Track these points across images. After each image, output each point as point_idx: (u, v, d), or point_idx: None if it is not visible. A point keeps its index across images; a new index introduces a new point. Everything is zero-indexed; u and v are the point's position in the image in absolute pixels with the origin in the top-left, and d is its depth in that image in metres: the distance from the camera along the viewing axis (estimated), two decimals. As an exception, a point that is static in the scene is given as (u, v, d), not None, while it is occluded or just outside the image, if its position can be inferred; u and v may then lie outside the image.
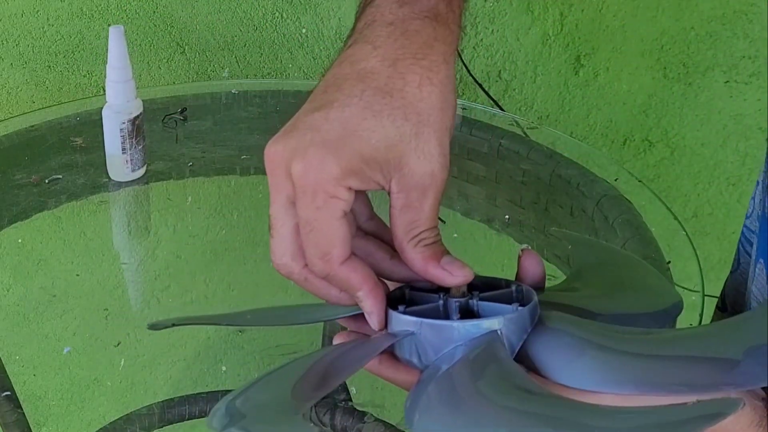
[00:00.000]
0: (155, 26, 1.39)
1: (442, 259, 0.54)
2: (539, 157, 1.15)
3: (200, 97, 1.29)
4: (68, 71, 1.39)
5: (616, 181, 1.10)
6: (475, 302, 0.54)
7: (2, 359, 1.02)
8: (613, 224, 1.03)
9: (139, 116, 1.11)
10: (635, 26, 1.50)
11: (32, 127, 1.20)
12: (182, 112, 1.26)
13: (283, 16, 1.43)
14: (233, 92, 1.30)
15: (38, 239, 1.15)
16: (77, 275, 1.14)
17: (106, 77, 1.09)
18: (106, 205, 1.15)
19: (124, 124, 1.09)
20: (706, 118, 1.57)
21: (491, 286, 0.56)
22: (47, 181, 1.14)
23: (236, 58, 1.44)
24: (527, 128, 1.22)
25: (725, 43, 1.51)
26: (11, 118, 1.24)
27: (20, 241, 1.13)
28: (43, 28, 1.36)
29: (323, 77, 0.56)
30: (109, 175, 1.13)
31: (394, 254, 0.56)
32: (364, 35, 0.56)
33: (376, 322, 0.54)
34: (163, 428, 1.12)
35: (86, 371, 1.28)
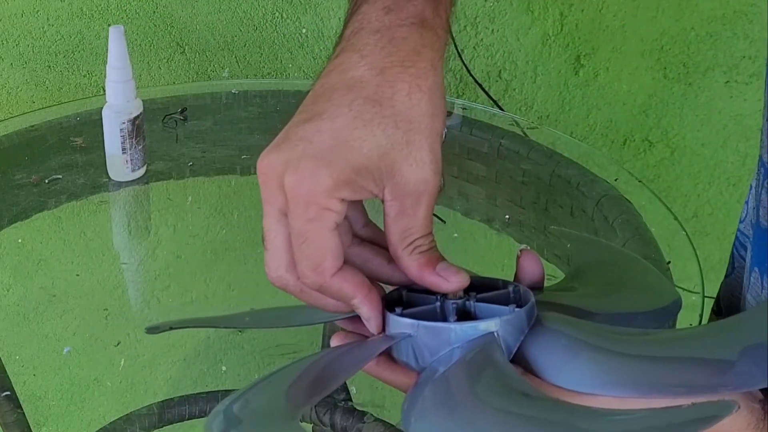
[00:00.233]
0: (155, 26, 1.40)
1: (437, 265, 0.54)
2: (539, 157, 1.15)
3: (200, 97, 1.29)
4: (68, 71, 1.39)
5: (616, 181, 1.10)
6: (472, 304, 0.54)
7: (2, 359, 1.02)
8: (613, 224, 1.03)
9: (139, 116, 1.11)
10: (635, 26, 1.50)
11: (32, 127, 1.20)
12: (182, 112, 1.26)
13: (283, 16, 1.43)
14: (233, 92, 1.30)
15: (38, 239, 1.15)
16: (77, 275, 1.14)
17: (106, 77, 1.09)
18: (106, 205, 1.15)
19: (124, 124, 1.09)
20: (706, 118, 1.57)
21: (488, 286, 0.56)
22: (47, 181, 1.14)
23: (236, 58, 1.44)
24: (527, 128, 1.22)
25: (725, 43, 1.51)
26: (11, 118, 1.24)
27: (20, 241, 1.13)
28: (43, 28, 1.36)
29: (312, 87, 0.56)
30: (109, 175, 1.13)
31: (391, 259, 0.56)
32: (351, 43, 0.56)
33: (374, 326, 0.55)
34: (163, 428, 1.12)
35: (86, 371, 1.28)
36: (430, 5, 0.57)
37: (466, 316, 0.54)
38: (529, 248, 0.57)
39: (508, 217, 1.14)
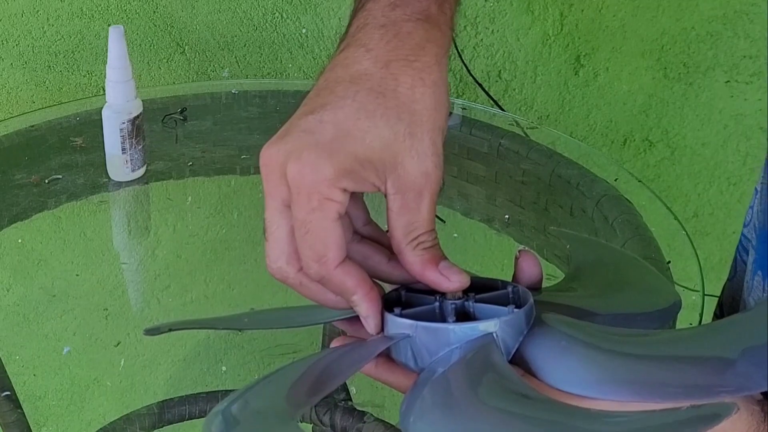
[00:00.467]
0: (155, 26, 1.39)
1: (440, 263, 0.54)
2: (539, 157, 1.15)
3: (200, 97, 1.29)
4: (68, 71, 1.39)
5: (616, 181, 1.10)
6: (471, 304, 0.54)
7: (2, 359, 1.02)
8: (613, 224, 1.03)
9: (139, 116, 1.11)
10: (635, 26, 1.50)
11: (32, 127, 1.20)
12: (182, 112, 1.26)
13: (283, 16, 1.43)
14: (233, 92, 1.30)
15: (38, 239, 1.15)
16: (77, 275, 1.14)
17: (106, 77, 1.09)
18: (106, 205, 1.15)
19: (124, 124, 1.09)
20: (706, 118, 1.57)
21: (487, 287, 0.56)
22: (47, 181, 1.14)
23: (236, 58, 1.44)
24: (527, 128, 1.22)
25: (726, 42, 1.51)
26: (11, 118, 1.24)
27: (20, 241, 1.13)
28: (43, 28, 1.36)
29: (316, 81, 0.56)
30: (109, 175, 1.13)
31: (391, 257, 0.56)
32: (356, 39, 0.57)
33: (372, 326, 0.54)
34: (163, 428, 1.12)
35: (86, 371, 1.28)
36: (435, 2, 0.58)
37: (465, 316, 0.54)
38: (527, 249, 0.57)
39: (508, 217, 1.14)
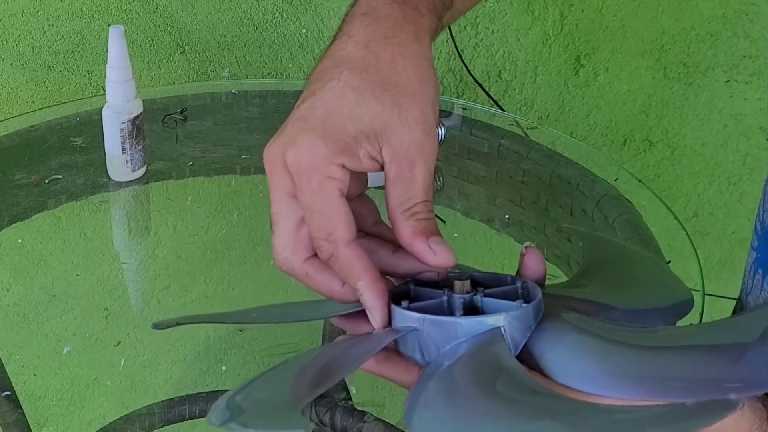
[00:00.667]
0: (155, 26, 1.39)
1: (431, 237, 0.54)
2: (539, 157, 1.15)
3: (200, 97, 1.29)
4: (68, 71, 1.39)
5: (616, 181, 1.10)
6: (479, 299, 0.54)
7: (2, 359, 1.02)
8: (613, 224, 1.03)
9: (139, 116, 1.11)
10: (635, 26, 1.50)
11: (32, 127, 1.20)
12: (182, 112, 1.26)
13: (283, 16, 1.43)
14: (233, 92, 1.30)
15: (38, 239, 1.15)
16: (77, 275, 1.14)
17: (106, 77, 1.09)
18: (106, 205, 1.15)
19: (124, 124, 1.09)
20: (706, 117, 1.57)
21: (496, 282, 0.56)
22: (47, 181, 1.14)
23: (236, 58, 1.44)
24: (527, 128, 1.22)
25: (726, 42, 1.51)
26: (11, 118, 1.24)
27: (20, 241, 1.13)
28: (43, 28, 1.36)
29: (308, 77, 0.58)
30: (109, 175, 1.13)
31: (396, 248, 0.56)
32: (341, 30, 0.59)
33: (378, 318, 0.54)
34: (163, 428, 1.12)
35: (86, 371, 1.28)
36: None
37: (473, 311, 0.54)
38: (534, 246, 0.57)
39: (508, 217, 1.14)
